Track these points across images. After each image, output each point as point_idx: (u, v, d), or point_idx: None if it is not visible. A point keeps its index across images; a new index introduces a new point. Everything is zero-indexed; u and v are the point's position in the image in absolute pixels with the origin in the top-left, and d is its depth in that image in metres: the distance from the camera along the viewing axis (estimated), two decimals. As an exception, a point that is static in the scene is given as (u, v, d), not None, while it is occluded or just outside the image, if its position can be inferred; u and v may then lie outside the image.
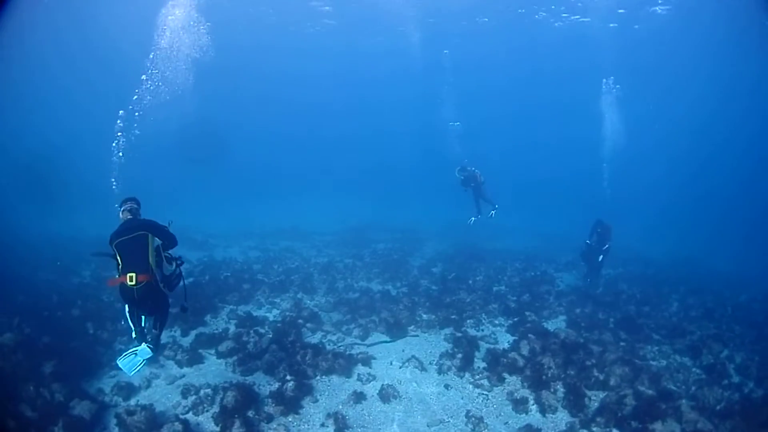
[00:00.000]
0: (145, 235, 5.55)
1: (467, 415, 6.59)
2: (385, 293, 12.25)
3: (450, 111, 29.76)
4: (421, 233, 23.17)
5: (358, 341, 9.16)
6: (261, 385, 7.24)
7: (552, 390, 7.20)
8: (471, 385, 7.53)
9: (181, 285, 5.92)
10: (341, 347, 8.72)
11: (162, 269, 5.73)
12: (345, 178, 47.91)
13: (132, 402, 6.76)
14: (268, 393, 6.96)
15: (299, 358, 7.85)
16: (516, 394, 7.15)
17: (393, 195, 38.94)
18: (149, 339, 5.72)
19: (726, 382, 7.92)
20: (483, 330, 9.99)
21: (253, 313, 10.36)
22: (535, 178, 45.24)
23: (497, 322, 10.52)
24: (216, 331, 9.13)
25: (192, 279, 12.67)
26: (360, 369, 7.89)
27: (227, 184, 39.58)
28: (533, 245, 20.93)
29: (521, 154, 49.68)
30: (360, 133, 51.04)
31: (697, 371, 8.48)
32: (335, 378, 7.61)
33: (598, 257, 13.06)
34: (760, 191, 33.11)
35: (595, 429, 6.41)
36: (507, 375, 7.70)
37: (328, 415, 6.48)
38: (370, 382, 7.50)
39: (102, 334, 8.74)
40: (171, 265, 5.87)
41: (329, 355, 7.94)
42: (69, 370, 7.07)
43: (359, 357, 8.21)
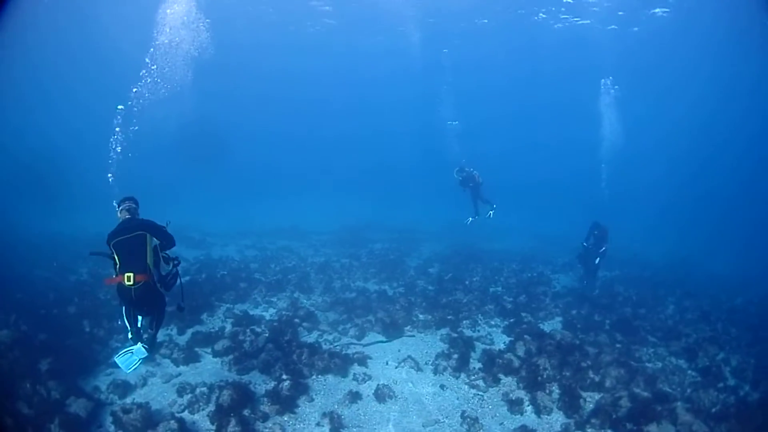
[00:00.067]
0: (144, 235, 5.54)
1: (462, 416, 6.60)
2: (382, 293, 12.26)
3: (449, 110, 29.84)
4: (419, 233, 23.24)
5: (354, 341, 9.17)
6: (257, 384, 7.25)
7: (547, 391, 7.22)
8: (466, 386, 7.54)
9: (178, 285, 5.93)
10: (337, 347, 8.73)
11: (159, 269, 5.73)
12: (344, 177, 48.05)
13: (128, 400, 6.77)
14: (263, 392, 6.98)
15: (295, 357, 7.86)
16: (511, 394, 7.17)
17: (392, 195, 39.04)
18: (145, 338, 5.73)
19: (721, 384, 7.92)
20: (479, 331, 10.01)
21: (250, 312, 10.37)
22: (534, 178, 45.39)
23: (493, 322, 10.54)
24: (212, 330, 9.15)
25: (189, 277, 12.68)
26: (356, 369, 7.90)
27: (226, 183, 39.59)
28: (530, 246, 21.01)
29: (520, 154, 49.78)
30: (359, 133, 51.10)
31: (693, 374, 8.49)
32: (331, 377, 7.63)
33: (594, 260, 13.09)
34: (758, 193, 33.17)
35: (590, 430, 6.42)
36: (502, 376, 7.71)
37: (323, 415, 6.49)
38: (365, 381, 7.52)
39: (98, 331, 8.75)
40: (168, 265, 5.87)
41: (325, 355, 7.95)
42: (65, 367, 7.08)
43: (355, 357, 8.22)
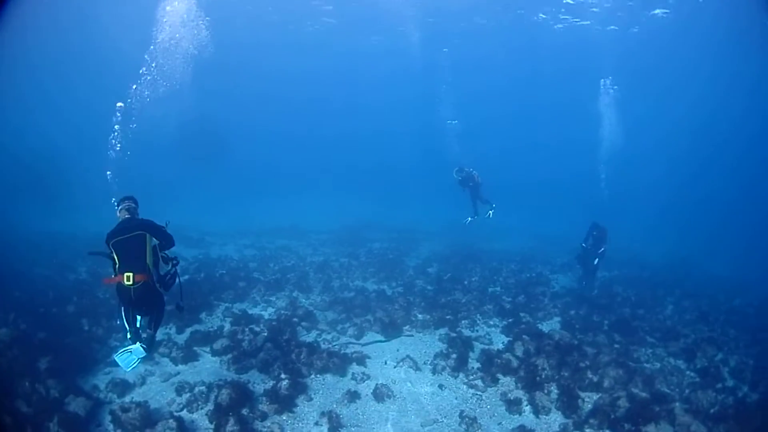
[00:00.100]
0: (143, 235, 5.53)
1: (461, 416, 6.61)
2: (381, 293, 12.27)
3: (448, 110, 29.86)
4: (418, 233, 23.24)
5: (352, 340, 9.17)
6: (255, 384, 7.26)
7: (546, 391, 7.23)
8: (465, 386, 7.55)
9: (177, 284, 5.92)
10: (336, 346, 8.73)
11: (158, 269, 5.73)
12: (344, 177, 48.02)
13: (127, 399, 6.77)
14: (262, 391, 6.98)
15: (294, 356, 7.87)
16: (510, 394, 7.18)
17: (391, 195, 39.02)
18: (143, 338, 5.73)
19: (720, 385, 7.93)
20: (478, 330, 10.01)
21: (249, 311, 10.36)
22: (533, 178, 45.39)
23: (492, 322, 10.54)
24: (211, 329, 9.15)
25: (187, 276, 12.67)
26: (354, 368, 7.90)
27: (226, 182, 39.58)
28: (529, 246, 21.02)
29: (519, 154, 49.79)
30: (359, 133, 51.10)
31: (691, 374, 8.50)
32: (330, 377, 7.63)
33: (593, 260, 13.09)
34: (758, 193, 33.20)
35: (589, 430, 6.43)
36: (501, 376, 7.72)
37: (322, 414, 6.50)
38: (364, 381, 7.52)
39: (97, 330, 8.75)
40: (167, 265, 5.87)
41: (324, 354, 7.96)
42: (64, 366, 7.08)
43: (354, 356, 8.23)
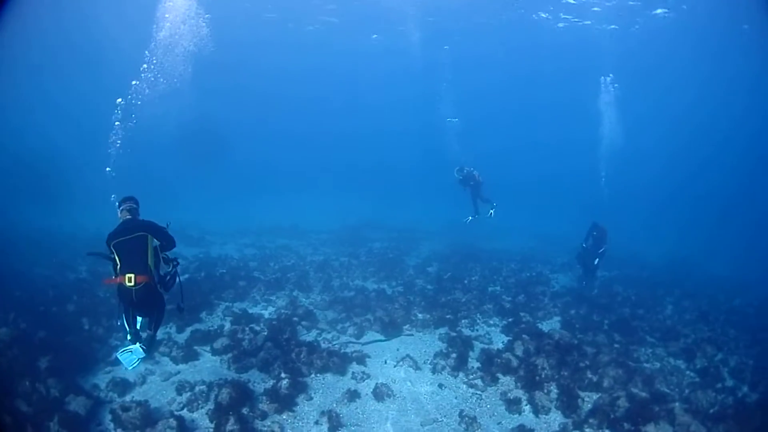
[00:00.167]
0: (145, 236, 5.53)
1: (461, 415, 6.62)
2: (381, 292, 12.28)
3: (449, 108, 29.82)
4: (418, 232, 23.25)
5: (352, 340, 9.18)
6: (256, 383, 7.27)
7: (545, 391, 7.24)
8: (465, 385, 7.56)
9: (177, 285, 5.93)
10: (336, 345, 8.74)
11: (159, 270, 5.74)
12: (344, 176, 48.00)
13: (127, 398, 6.78)
14: (262, 390, 6.99)
15: (294, 355, 7.87)
16: (509, 394, 7.18)
17: (392, 194, 38.99)
18: (144, 339, 5.73)
19: (720, 385, 7.95)
20: (478, 330, 10.02)
21: (249, 311, 10.36)
22: (533, 177, 45.39)
23: (492, 322, 10.55)
24: (211, 328, 9.15)
25: (187, 276, 12.66)
26: (354, 367, 7.91)
27: (226, 181, 39.56)
28: (530, 246, 21.03)
29: (520, 153, 49.76)
30: (360, 132, 51.10)
31: (691, 374, 8.52)
32: (330, 376, 7.64)
33: (593, 260, 13.09)
34: (758, 193, 33.19)
35: (588, 430, 6.44)
36: (501, 375, 7.72)
37: (322, 413, 6.50)
38: (364, 380, 7.53)
39: (97, 329, 8.75)
40: (168, 266, 5.87)
41: (324, 354, 7.97)
42: (64, 365, 7.08)
43: (354, 355, 8.24)
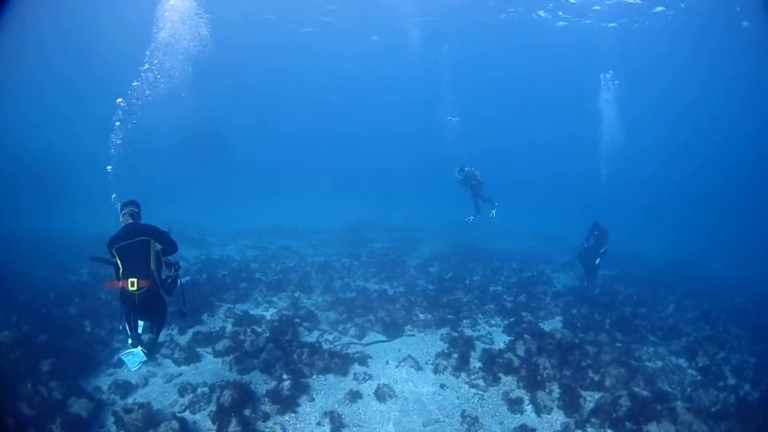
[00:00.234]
0: (147, 241, 5.55)
1: (462, 415, 6.61)
2: (382, 293, 12.28)
3: (449, 108, 29.79)
4: (419, 233, 23.25)
5: (354, 340, 9.19)
6: (258, 384, 7.27)
7: (547, 390, 7.24)
8: (467, 385, 7.55)
9: (179, 288, 5.93)
10: (338, 346, 8.74)
11: (161, 274, 5.75)
12: (345, 177, 48.00)
13: (129, 400, 6.78)
14: (264, 392, 6.99)
15: (296, 357, 7.88)
16: (511, 394, 7.18)
17: (392, 194, 38.98)
18: (145, 342, 5.73)
19: (721, 384, 7.93)
20: (479, 330, 10.02)
21: (250, 312, 10.38)
22: (534, 176, 45.36)
23: (493, 322, 10.55)
24: (213, 330, 9.16)
25: (189, 277, 12.68)
26: (356, 368, 7.91)
27: (226, 182, 39.59)
28: (531, 245, 21.03)
29: (520, 152, 49.73)
30: (360, 132, 51.07)
31: (693, 373, 8.51)
32: (331, 377, 7.64)
33: (594, 260, 13.10)
34: (758, 191, 33.14)
35: (590, 429, 6.44)
36: (502, 375, 7.72)
37: (324, 414, 6.51)
38: (366, 381, 7.53)
39: (99, 332, 8.75)
40: (169, 270, 5.88)
41: (326, 354, 7.97)
42: (66, 367, 7.09)
43: (355, 356, 8.23)
